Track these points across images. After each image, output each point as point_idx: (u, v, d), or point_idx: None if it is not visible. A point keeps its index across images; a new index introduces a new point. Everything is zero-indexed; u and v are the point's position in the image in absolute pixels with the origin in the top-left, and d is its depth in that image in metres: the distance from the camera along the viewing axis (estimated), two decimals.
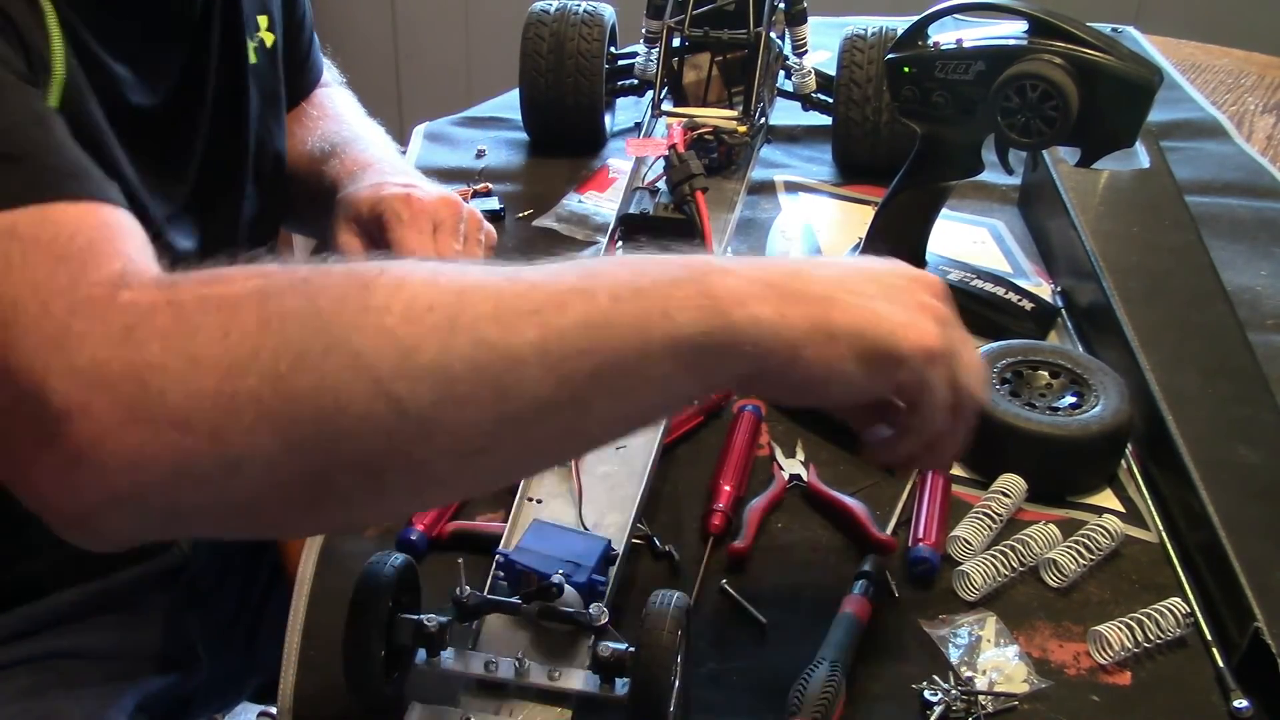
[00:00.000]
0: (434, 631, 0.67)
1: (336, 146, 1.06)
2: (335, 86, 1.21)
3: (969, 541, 0.82)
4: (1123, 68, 0.90)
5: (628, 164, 1.18)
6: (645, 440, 0.84)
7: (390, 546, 0.81)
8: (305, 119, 1.13)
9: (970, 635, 0.76)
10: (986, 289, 1.07)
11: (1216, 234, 1.16)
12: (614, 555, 0.74)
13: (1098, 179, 1.16)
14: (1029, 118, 0.92)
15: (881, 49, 1.22)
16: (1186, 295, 1.03)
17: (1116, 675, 0.75)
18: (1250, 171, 1.32)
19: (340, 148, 1.05)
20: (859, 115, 1.25)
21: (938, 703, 0.72)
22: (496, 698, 0.68)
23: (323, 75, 1.18)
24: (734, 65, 1.19)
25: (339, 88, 1.21)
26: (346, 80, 1.23)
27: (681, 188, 0.99)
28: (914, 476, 0.88)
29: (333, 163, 1.03)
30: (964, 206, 1.25)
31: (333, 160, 1.03)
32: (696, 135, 1.10)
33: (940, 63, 0.96)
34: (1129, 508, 0.87)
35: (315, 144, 1.08)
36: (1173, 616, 0.76)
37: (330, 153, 1.05)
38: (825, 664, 0.71)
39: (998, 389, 0.89)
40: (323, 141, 1.08)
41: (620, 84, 1.33)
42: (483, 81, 2.13)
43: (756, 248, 1.18)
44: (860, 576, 0.78)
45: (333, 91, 1.20)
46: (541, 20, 1.29)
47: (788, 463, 0.89)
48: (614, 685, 0.66)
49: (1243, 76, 1.57)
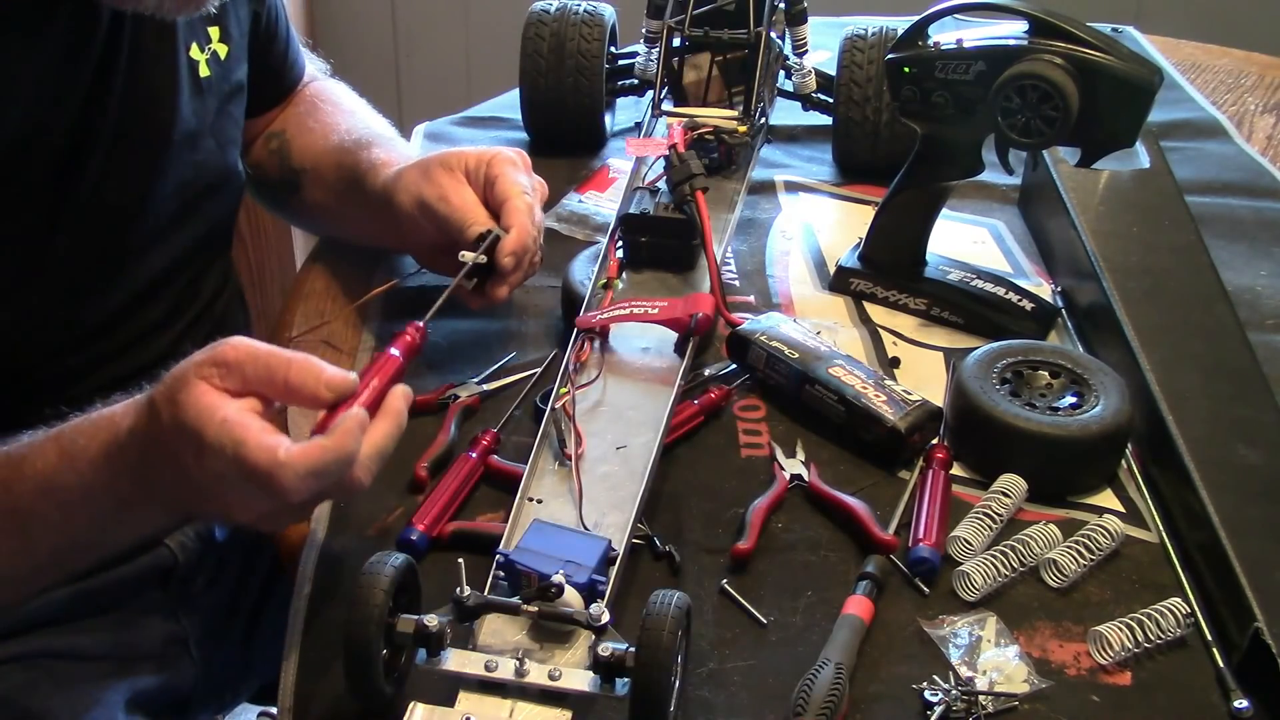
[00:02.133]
0: (434, 631, 0.67)
1: (374, 139, 1.07)
2: (328, 79, 1.21)
3: (969, 541, 0.82)
4: (1123, 68, 0.90)
5: (628, 164, 1.18)
6: (645, 440, 0.84)
7: (390, 546, 0.81)
8: (320, 114, 1.14)
9: (970, 635, 0.76)
10: (986, 289, 1.07)
11: (1216, 234, 1.16)
12: (614, 555, 0.74)
13: (1098, 179, 1.16)
14: (1029, 118, 0.92)
15: (881, 49, 1.22)
16: (1186, 295, 1.03)
17: (1116, 675, 0.75)
18: (1250, 171, 1.32)
19: (381, 141, 1.07)
20: (859, 115, 1.25)
21: (938, 703, 0.72)
22: (496, 698, 0.68)
23: (306, 69, 1.18)
24: (734, 65, 1.19)
25: (336, 81, 1.22)
26: (346, 79, 1.23)
27: (681, 188, 0.99)
28: (914, 476, 0.88)
29: (377, 152, 1.05)
30: (964, 206, 1.25)
31: (376, 150, 1.05)
32: (696, 135, 1.10)
33: (940, 63, 0.97)
34: (1129, 508, 0.87)
35: (343, 137, 1.09)
36: (1173, 616, 0.76)
37: (371, 142, 1.07)
38: (830, 665, 0.71)
39: (998, 389, 0.89)
40: (353, 134, 1.09)
41: (620, 84, 1.33)
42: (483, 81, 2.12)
43: (756, 248, 1.18)
44: (863, 577, 0.78)
45: (334, 85, 1.21)
46: (541, 20, 1.29)
47: (789, 463, 0.89)
48: (614, 685, 0.66)
49: (1243, 76, 1.57)
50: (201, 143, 0.98)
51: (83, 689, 0.92)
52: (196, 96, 0.96)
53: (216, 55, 0.98)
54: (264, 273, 2.07)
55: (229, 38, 1.00)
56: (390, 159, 1.03)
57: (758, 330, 0.97)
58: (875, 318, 1.08)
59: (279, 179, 1.13)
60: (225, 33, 1.00)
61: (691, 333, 0.91)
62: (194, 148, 0.97)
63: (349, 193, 1.05)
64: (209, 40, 0.98)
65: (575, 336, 0.92)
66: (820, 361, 0.93)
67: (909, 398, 0.90)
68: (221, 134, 1.01)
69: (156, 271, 0.98)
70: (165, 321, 1.01)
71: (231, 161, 1.04)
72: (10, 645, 0.92)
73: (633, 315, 0.92)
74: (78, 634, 0.95)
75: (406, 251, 1.07)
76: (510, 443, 0.91)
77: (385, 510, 0.85)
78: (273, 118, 1.15)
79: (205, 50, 0.97)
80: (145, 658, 0.98)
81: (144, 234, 0.96)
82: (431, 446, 0.89)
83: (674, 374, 0.90)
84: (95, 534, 0.77)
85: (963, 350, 0.98)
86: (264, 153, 1.14)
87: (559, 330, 1.04)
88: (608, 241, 1.02)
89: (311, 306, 1.08)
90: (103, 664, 0.95)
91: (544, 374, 0.98)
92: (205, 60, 0.97)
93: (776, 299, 1.11)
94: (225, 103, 1.01)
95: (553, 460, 0.84)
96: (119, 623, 0.97)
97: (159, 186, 0.95)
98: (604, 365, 0.91)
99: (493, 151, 0.97)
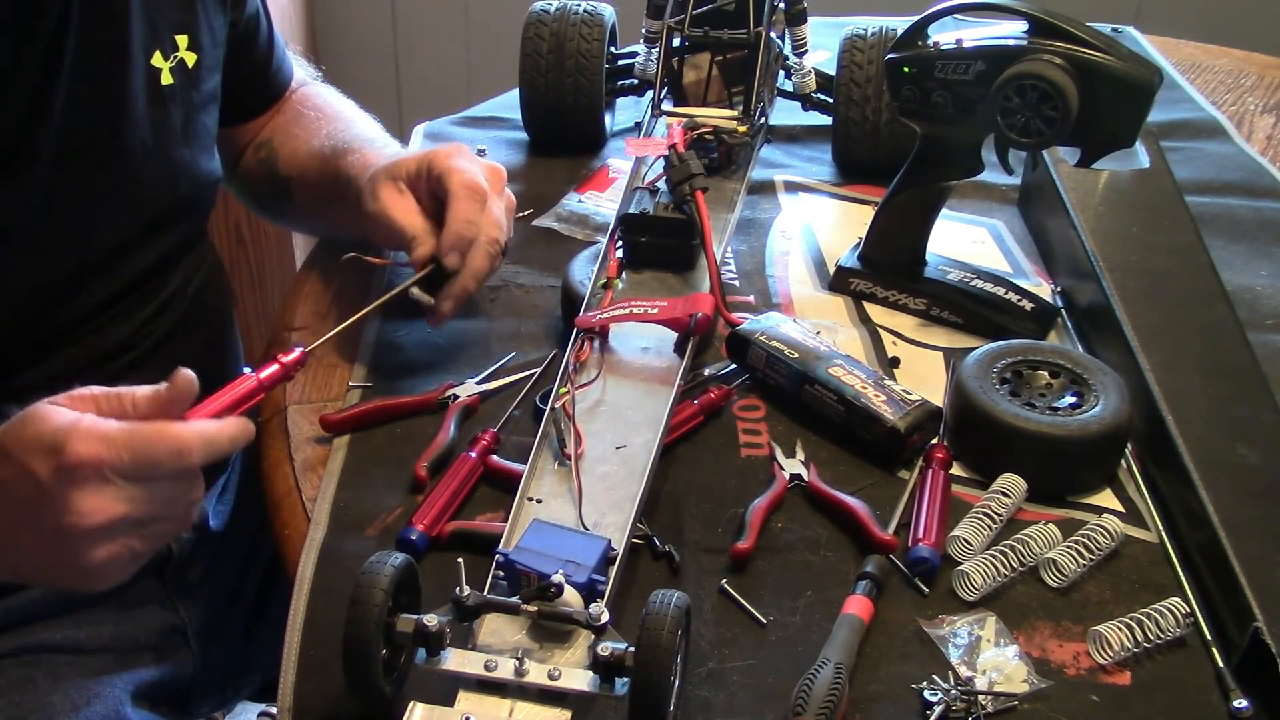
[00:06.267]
0: (434, 631, 0.67)
1: (352, 144, 1.07)
2: (317, 84, 1.21)
3: (969, 541, 0.82)
4: (1122, 68, 0.90)
5: (628, 164, 1.18)
6: (645, 440, 0.84)
7: (390, 546, 0.81)
8: (304, 120, 1.14)
9: (970, 635, 0.76)
10: (986, 289, 1.07)
11: (1216, 234, 1.16)
12: (614, 555, 0.74)
13: (1098, 179, 1.16)
14: (1029, 118, 0.92)
15: (881, 49, 1.22)
16: (1186, 295, 1.03)
17: (1116, 675, 0.75)
18: (1250, 171, 1.32)
19: (359, 144, 1.07)
20: (859, 115, 1.25)
21: (938, 703, 0.72)
22: (496, 697, 0.68)
23: (294, 75, 1.18)
24: (734, 65, 1.19)
25: (324, 85, 1.21)
26: (346, 80, 1.23)
27: (681, 188, 0.99)
28: (914, 476, 0.88)
29: (352, 158, 1.04)
30: (964, 206, 1.25)
31: (352, 155, 1.04)
32: (696, 135, 1.10)
33: (940, 63, 0.97)
34: (1129, 508, 0.87)
35: (324, 142, 1.09)
36: (1172, 616, 0.76)
37: (348, 149, 1.06)
38: (830, 665, 0.71)
39: (997, 389, 0.89)
40: (333, 140, 1.09)
41: (620, 84, 1.33)
42: (483, 81, 2.13)
43: (756, 248, 1.18)
44: (862, 577, 0.78)
45: (321, 89, 1.20)
46: (541, 20, 1.29)
47: (788, 463, 0.89)
48: (614, 685, 0.66)
49: (1243, 76, 1.57)
50: (173, 154, 0.98)
51: (82, 683, 0.92)
52: (156, 105, 0.96)
53: (184, 64, 0.98)
54: (264, 273, 2.08)
55: (199, 47, 1.00)
56: (367, 163, 1.02)
57: (757, 330, 0.97)
58: (875, 318, 1.09)
59: (270, 189, 1.13)
60: (195, 42, 0.99)
61: (691, 333, 0.91)
62: (163, 159, 0.97)
63: (332, 199, 1.05)
64: (175, 49, 0.97)
65: (575, 336, 0.92)
66: (820, 361, 0.93)
67: (909, 398, 0.90)
68: (196, 143, 1.01)
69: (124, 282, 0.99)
70: (134, 310, 1.02)
71: (208, 170, 1.04)
72: (6, 639, 0.92)
73: (632, 315, 0.92)
74: (74, 626, 0.95)
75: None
76: (510, 443, 0.91)
77: (385, 510, 0.85)
78: (262, 125, 1.15)
79: (170, 58, 0.97)
80: (144, 648, 0.98)
81: (108, 247, 0.96)
82: (431, 446, 0.89)
83: (674, 374, 0.90)
84: None
85: (962, 350, 0.98)
86: (254, 162, 1.14)
87: (559, 330, 1.04)
88: (607, 241, 1.02)
89: (310, 307, 1.08)
90: (102, 657, 0.95)
91: (544, 374, 0.98)
92: (169, 68, 0.96)
93: (776, 299, 1.11)
94: (197, 112, 1.01)
95: (552, 460, 0.84)
96: (115, 615, 0.98)
97: (119, 196, 0.95)
98: (604, 365, 0.91)
99: (431, 152, 0.96)
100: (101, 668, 0.94)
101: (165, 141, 0.97)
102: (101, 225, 0.95)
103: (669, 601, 0.65)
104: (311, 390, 0.97)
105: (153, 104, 0.96)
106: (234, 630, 1.10)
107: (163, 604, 1.01)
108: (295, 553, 0.82)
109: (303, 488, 0.88)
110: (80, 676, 0.92)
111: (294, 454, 0.91)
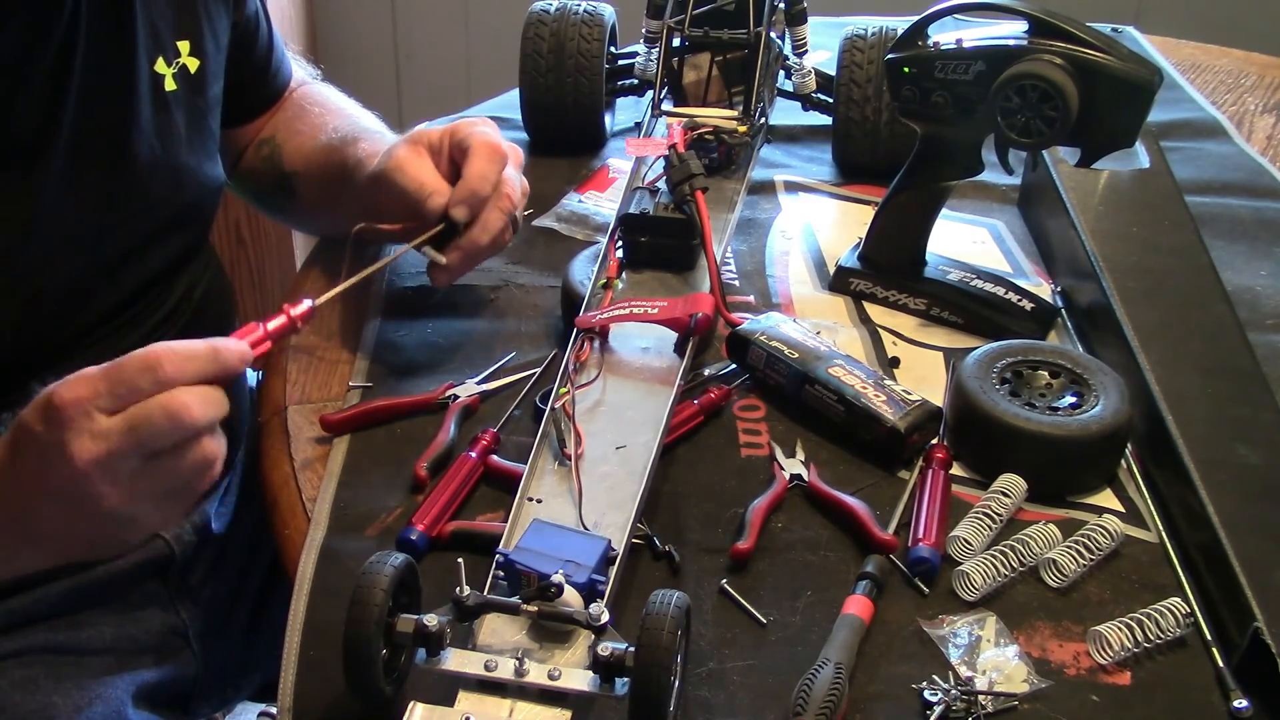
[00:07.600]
0: (434, 631, 0.67)
1: (360, 133, 1.07)
2: (316, 83, 1.21)
3: (969, 541, 0.82)
4: (1122, 68, 0.90)
5: (628, 164, 1.18)
6: (645, 440, 0.84)
7: (390, 546, 0.81)
8: (308, 116, 1.14)
9: (970, 635, 0.76)
10: (986, 289, 1.07)
11: (1216, 234, 1.16)
12: (614, 555, 0.74)
13: (1098, 179, 1.16)
14: (1029, 118, 0.92)
15: (881, 49, 1.22)
16: (1186, 295, 1.03)
17: (1116, 675, 0.75)
18: (1250, 171, 1.32)
19: (367, 134, 1.07)
20: (859, 115, 1.25)
21: (938, 703, 0.72)
22: (496, 697, 0.68)
23: (293, 74, 1.18)
24: (734, 65, 1.19)
25: (324, 84, 1.22)
26: (346, 80, 1.23)
27: (681, 188, 0.99)
28: (914, 476, 0.88)
29: (362, 144, 1.04)
30: (964, 206, 1.25)
31: (362, 143, 1.05)
32: (696, 135, 1.10)
33: (940, 63, 0.97)
34: (1129, 508, 0.87)
35: (330, 135, 1.09)
36: (1172, 616, 0.76)
37: (356, 137, 1.06)
38: (830, 665, 0.71)
39: (997, 389, 0.89)
40: (340, 131, 1.09)
41: (620, 84, 1.33)
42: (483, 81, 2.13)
43: (756, 248, 1.18)
44: (862, 577, 0.78)
45: (321, 88, 1.20)
46: (541, 20, 1.29)
47: (788, 463, 0.89)
48: (614, 685, 0.66)
49: (1243, 76, 1.57)
50: (178, 160, 0.98)
51: (84, 684, 0.92)
52: (161, 112, 0.96)
53: (186, 69, 0.98)
54: (264, 273, 2.08)
55: (202, 52, 1.00)
56: (376, 150, 1.02)
57: (757, 330, 0.97)
58: (875, 318, 1.09)
59: (273, 185, 1.13)
60: (198, 47, 0.99)
61: (691, 333, 0.91)
62: (168, 166, 0.97)
63: (340, 190, 1.05)
64: (178, 54, 0.97)
65: (575, 336, 0.92)
66: (820, 361, 0.93)
67: (909, 398, 0.90)
68: (200, 149, 1.01)
69: (130, 290, 0.99)
70: (140, 319, 1.02)
71: (212, 176, 1.04)
72: (9, 640, 0.92)
73: (632, 315, 0.92)
74: (76, 628, 0.95)
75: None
76: (510, 442, 0.91)
77: (385, 510, 0.85)
78: (262, 124, 1.15)
79: (173, 64, 0.97)
80: (146, 650, 0.98)
81: (114, 254, 0.97)
82: (431, 446, 0.89)
83: (674, 374, 0.90)
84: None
85: (962, 350, 0.98)
86: (256, 160, 1.14)
87: (559, 330, 1.04)
88: (607, 241, 1.02)
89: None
90: (104, 658, 0.95)
91: (544, 374, 0.98)
92: (172, 74, 0.96)
93: (776, 299, 1.11)
94: (201, 118, 1.01)
95: (552, 460, 0.84)
96: (117, 616, 0.98)
97: (126, 203, 0.95)
98: (604, 365, 0.91)
99: (456, 123, 0.96)
100: (103, 669, 0.94)
101: (170, 148, 0.97)
102: (108, 232, 0.95)
103: (669, 601, 0.65)
104: (311, 390, 0.98)
105: (157, 110, 0.96)
106: (235, 631, 1.10)
107: (164, 606, 1.01)
108: (295, 553, 0.82)
109: (303, 488, 0.88)
110: (82, 677, 0.92)
111: (294, 454, 0.91)
